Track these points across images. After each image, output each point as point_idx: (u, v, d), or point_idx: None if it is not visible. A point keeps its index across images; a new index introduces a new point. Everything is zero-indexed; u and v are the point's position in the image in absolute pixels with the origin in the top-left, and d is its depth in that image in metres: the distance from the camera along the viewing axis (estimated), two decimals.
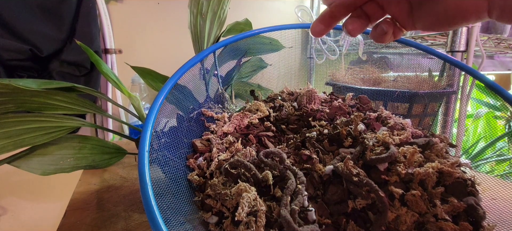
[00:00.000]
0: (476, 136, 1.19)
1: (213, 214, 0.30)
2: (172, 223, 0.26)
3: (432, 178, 0.29)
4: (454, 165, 0.31)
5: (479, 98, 1.20)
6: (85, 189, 0.48)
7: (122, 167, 0.57)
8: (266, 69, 0.55)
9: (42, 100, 0.40)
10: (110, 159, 0.48)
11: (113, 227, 0.37)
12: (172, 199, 0.29)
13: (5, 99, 0.38)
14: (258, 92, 0.48)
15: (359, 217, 0.28)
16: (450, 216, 0.28)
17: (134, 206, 0.42)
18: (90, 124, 0.47)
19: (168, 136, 0.35)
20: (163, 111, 0.34)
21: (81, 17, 0.92)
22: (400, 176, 0.30)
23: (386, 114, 0.40)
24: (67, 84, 0.42)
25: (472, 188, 0.30)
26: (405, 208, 0.28)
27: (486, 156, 0.90)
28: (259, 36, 0.48)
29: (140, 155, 0.26)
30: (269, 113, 0.41)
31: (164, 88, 0.33)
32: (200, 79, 0.43)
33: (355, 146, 0.33)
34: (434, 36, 0.82)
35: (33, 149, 0.40)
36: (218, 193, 0.29)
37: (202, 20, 0.50)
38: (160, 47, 1.16)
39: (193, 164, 0.35)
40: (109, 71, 0.50)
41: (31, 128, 0.39)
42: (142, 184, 0.24)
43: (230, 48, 0.48)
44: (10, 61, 0.84)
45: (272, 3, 1.34)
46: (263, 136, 0.37)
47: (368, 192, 0.28)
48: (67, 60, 0.92)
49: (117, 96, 1.08)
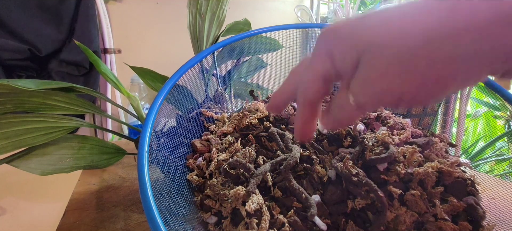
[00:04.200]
0: (475, 136, 1.19)
1: (212, 214, 0.30)
2: (171, 223, 0.26)
3: (432, 178, 0.29)
4: (454, 165, 0.31)
5: (479, 98, 1.20)
6: (84, 189, 0.48)
7: (121, 167, 0.57)
8: (265, 69, 0.55)
9: (41, 101, 0.40)
10: (109, 159, 0.48)
11: (113, 227, 0.37)
12: (171, 199, 0.29)
13: (3, 100, 0.37)
14: (257, 92, 0.48)
15: (358, 217, 0.28)
16: (449, 216, 0.28)
17: (134, 206, 0.42)
18: (89, 124, 0.47)
19: (168, 136, 0.35)
20: (163, 112, 0.34)
21: (80, 17, 0.92)
22: (400, 176, 0.30)
23: (386, 114, 0.40)
24: (66, 85, 0.42)
25: (471, 188, 0.30)
26: (405, 208, 0.28)
27: (485, 156, 0.90)
28: (258, 36, 0.48)
29: (140, 155, 0.26)
30: (268, 113, 0.41)
31: (163, 88, 0.33)
32: (199, 79, 0.43)
33: (354, 145, 0.33)
34: None
35: (32, 149, 0.40)
36: (217, 193, 0.29)
37: (201, 20, 0.50)
38: (159, 47, 1.16)
39: (192, 164, 0.35)
40: (108, 71, 0.50)
41: (30, 128, 0.39)
42: (142, 184, 0.24)
43: (229, 48, 0.48)
44: (9, 61, 0.84)
45: (271, 3, 1.34)
46: (262, 136, 0.37)
47: (367, 192, 0.28)
48: (66, 60, 0.91)
49: (116, 96, 1.08)
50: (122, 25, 1.08)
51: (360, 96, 0.19)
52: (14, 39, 0.83)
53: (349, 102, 0.20)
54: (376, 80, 0.17)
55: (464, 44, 0.15)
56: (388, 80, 0.17)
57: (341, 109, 0.21)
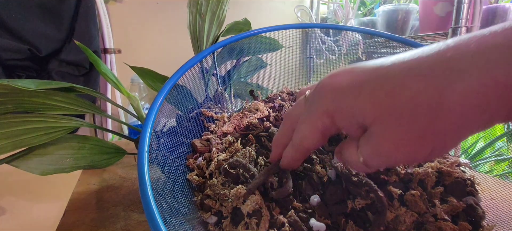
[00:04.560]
0: (475, 136, 1.19)
1: (212, 214, 0.30)
2: (171, 223, 0.26)
3: (431, 178, 0.29)
4: (454, 165, 0.31)
5: None
6: (84, 189, 0.48)
7: (121, 167, 0.57)
8: (265, 69, 0.55)
9: (41, 101, 0.40)
10: (109, 159, 0.48)
11: (113, 227, 0.37)
12: (171, 199, 0.29)
13: (3, 100, 0.37)
14: (257, 92, 0.48)
15: (358, 217, 0.28)
16: (449, 216, 0.28)
17: (134, 206, 0.42)
18: (89, 124, 0.47)
19: (168, 136, 0.35)
20: (163, 111, 0.34)
21: (80, 16, 0.92)
22: (400, 176, 0.30)
23: None
24: (66, 85, 0.42)
25: (471, 188, 0.30)
26: (404, 208, 0.28)
27: (485, 156, 0.90)
28: (258, 36, 0.48)
29: (140, 155, 0.26)
30: (268, 113, 0.41)
31: (163, 88, 0.33)
32: (199, 78, 0.43)
33: None
34: (433, 36, 0.82)
35: (32, 149, 0.40)
36: (217, 193, 0.29)
37: (201, 20, 0.50)
38: (159, 47, 1.16)
39: (192, 164, 0.35)
40: (108, 71, 0.50)
41: (30, 128, 0.39)
42: (141, 184, 0.24)
43: (229, 48, 0.48)
44: (9, 61, 0.84)
45: (271, 3, 1.34)
46: (262, 136, 0.37)
47: (367, 192, 0.28)
48: (66, 60, 0.91)
49: (116, 96, 1.08)
50: (122, 25, 1.08)
51: (371, 161, 0.18)
52: (14, 39, 0.83)
53: (359, 161, 0.19)
54: (389, 151, 0.17)
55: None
56: (403, 150, 0.17)
57: (352, 165, 0.21)
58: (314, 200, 0.28)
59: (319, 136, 0.21)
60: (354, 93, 0.18)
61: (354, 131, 0.19)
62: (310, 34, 1.11)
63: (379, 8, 1.03)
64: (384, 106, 0.17)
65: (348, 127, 0.19)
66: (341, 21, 1.15)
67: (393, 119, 0.16)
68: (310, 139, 0.21)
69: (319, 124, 0.20)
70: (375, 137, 0.17)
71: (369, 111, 0.17)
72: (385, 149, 0.17)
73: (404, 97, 0.16)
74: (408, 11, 0.95)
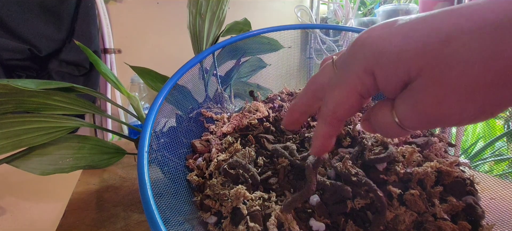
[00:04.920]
0: (475, 136, 1.19)
1: (212, 214, 0.30)
2: (171, 223, 0.26)
3: (431, 178, 0.30)
4: (453, 164, 0.31)
5: None
6: (84, 189, 0.48)
7: (121, 167, 0.57)
8: (265, 69, 0.55)
9: (41, 101, 0.40)
10: (109, 159, 0.48)
11: (113, 227, 0.37)
12: (171, 199, 0.29)
13: (3, 100, 0.38)
14: (257, 92, 0.48)
15: (358, 217, 0.28)
16: (449, 216, 0.28)
17: (134, 206, 0.42)
18: (89, 124, 0.47)
19: (167, 136, 0.35)
20: (163, 112, 0.34)
21: (80, 17, 0.92)
22: (399, 176, 0.30)
23: None
24: (66, 85, 0.42)
25: (471, 187, 0.30)
26: (404, 208, 0.28)
27: (485, 156, 0.90)
28: (258, 36, 0.48)
29: (140, 155, 0.27)
30: (268, 113, 0.41)
31: (163, 88, 0.33)
32: (199, 79, 0.43)
33: (353, 145, 0.33)
34: None
35: (32, 149, 0.40)
36: (217, 193, 0.29)
37: (201, 20, 0.50)
38: (159, 47, 1.16)
39: (192, 164, 0.35)
40: (108, 71, 0.50)
41: (30, 128, 0.39)
42: (141, 184, 0.24)
43: (229, 48, 0.48)
44: (9, 61, 0.84)
45: (271, 3, 1.34)
46: (262, 137, 0.37)
47: (367, 192, 0.28)
48: (66, 60, 0.92)
49: (116, 96, 1.08)
50: (122, 25, 1.08)
51: (408, 121, 0.17)
52: (14, 39, 0.83)
53: (394, 123, 0.18)
54: (431, 108, 0.16)
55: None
56: (447, 107, 0.15)
57: (384, 127, 0.19)
58: (314, 200, 0.28)
59: (357, 99, 0.18)
60: (398, 44, 0.16)
61: (393, 88, 0.17)
62: (310, 34, 1.11)
63: (379, 8, 1.03)
64: (432, 55, 0.15)
65: (389, 83, 0.17)
66: (341, 21, 1.15)
67: (440, 70, 0.15)
68: (346, 104, 0.19)
69: (358, 85, 0.18)
70: (417, 92, 0.16)
71: (415, 62, 0.16)
72: (427, 105, 0.16)
73: (456, 45, 0.14)
74: (408, 11, 0.95)
